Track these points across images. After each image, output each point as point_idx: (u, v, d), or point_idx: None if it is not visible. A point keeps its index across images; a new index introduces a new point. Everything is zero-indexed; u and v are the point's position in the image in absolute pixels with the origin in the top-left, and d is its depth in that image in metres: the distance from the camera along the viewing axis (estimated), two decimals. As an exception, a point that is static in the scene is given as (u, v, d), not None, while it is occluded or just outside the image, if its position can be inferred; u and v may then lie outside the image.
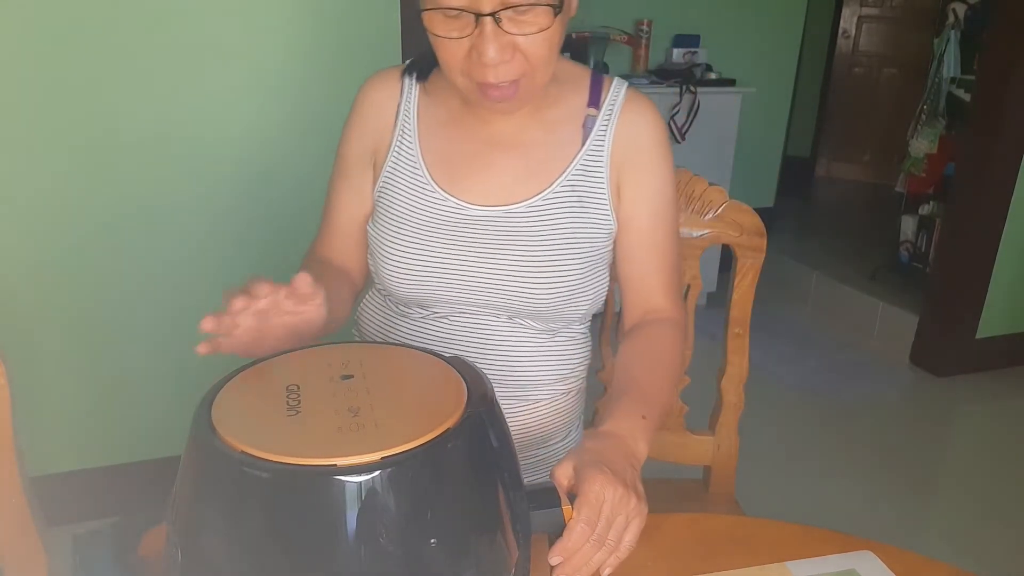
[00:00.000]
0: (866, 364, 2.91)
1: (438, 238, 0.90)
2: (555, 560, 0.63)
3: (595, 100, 0.93)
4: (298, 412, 0.54)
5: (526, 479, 0.62)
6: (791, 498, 2.05)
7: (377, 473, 0.48)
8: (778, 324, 3.19)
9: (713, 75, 3.19)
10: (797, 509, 1.98)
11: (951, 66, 2.98)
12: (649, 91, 3.00)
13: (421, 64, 0.95)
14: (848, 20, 5.05)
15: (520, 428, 0.97)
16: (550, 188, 0.91)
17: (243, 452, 0.49)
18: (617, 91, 0.94)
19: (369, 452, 0.49)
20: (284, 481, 0.48)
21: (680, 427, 1.20)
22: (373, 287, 1.02)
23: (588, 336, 1.02)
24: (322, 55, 1.72)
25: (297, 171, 1.77)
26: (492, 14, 0.75)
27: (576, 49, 2.98)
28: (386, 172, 0.94)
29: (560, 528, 0.63)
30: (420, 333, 0.95)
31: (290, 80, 1.72)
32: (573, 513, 0.63)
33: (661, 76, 3.14)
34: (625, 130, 0.92)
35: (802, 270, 3.49)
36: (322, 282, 0.75)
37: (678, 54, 3.28)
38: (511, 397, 0.95)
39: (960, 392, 2.71)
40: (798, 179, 4.83)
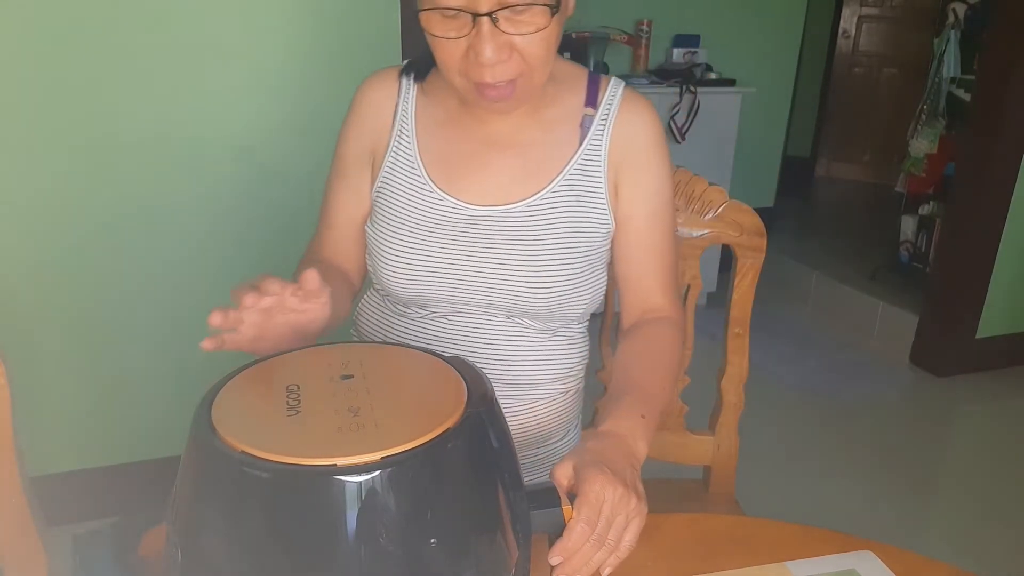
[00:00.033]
0: (866, 364, 2.91)
1: (436, 238, 0.90)
2: (555, 560, 0.63)
3: (592, 100, 0.94)
4: (298, 412, 0.54)
5: (525, 479, 0.62)
6: (791, 498, 2.05)
7: (377, 473, 0.48)
8: (778, 324, 3.19)
9: (713, 75, 3.19)
10: (797, 509, 1.98)
11: (951, 66, 2.98)
12: (649, 91, 3.00)
13: (419, 64, 0.96)
14: (848, 20, 5.06)
15: (519, 428, 0.97)
16: (548, 188, 0.91)
17: (243, 452, 0.49)
18: (614, 91, 0.94)
19: (369, 452, 0.49)
20: (284, 481, 0.48)
21: (680, 427, 1.20)
22: (371, 287, 1.02)
23: (586, 336, 1.02)
24: (322, 55, 1.72)
25: (297, 171, 1.77)
26: (489, 14, 0.75)
27: (576, 49, 2.98)
28: (384, 172, 0.94)
29: (560, 528, 0.63)
30: (418, 333, 0.95)
31: (290, 80, 1.72)
32: (573, 513, 0.63)
33: (661, 76, 3.14)
34: (623, 130, 0.93)
35: (802, 270, 3.49)
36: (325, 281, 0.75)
37: (678, 54, 3.28)
38: (509, 396, 0.95)
39: (960, 392, 2.71)
40: (798, 179, 4.83)
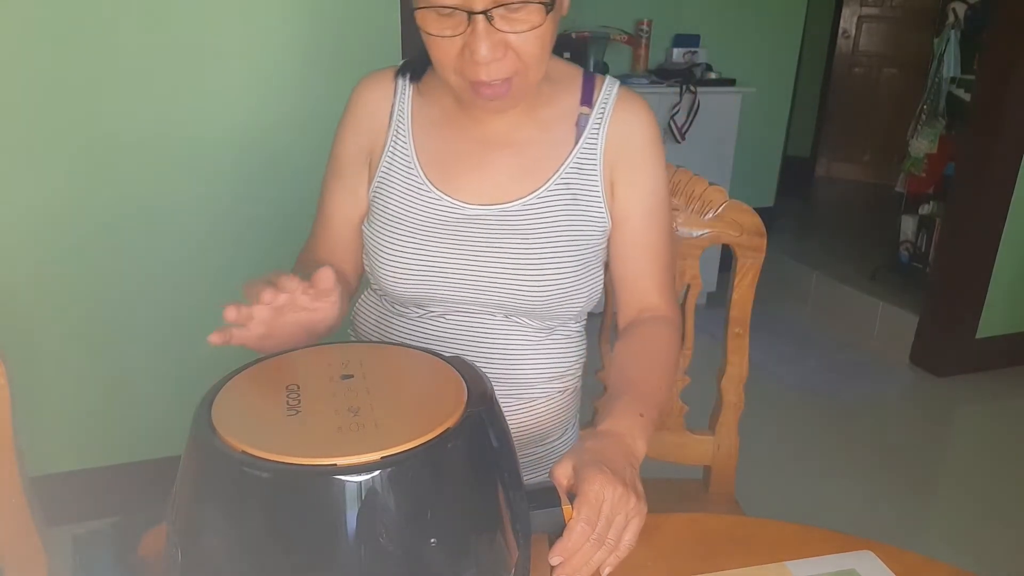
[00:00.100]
0: (866, 364, 2.91)
1: (434, 237, 0.90)
2: (555, 560, 0.63)
3: (587, 99, 0.94)
4: (298, 412, 0.54)
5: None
6: (791, 498, 2.05)
7: (377, 473, 0.48)
8: (778, 324, 3.19)
9: (713, 75, 3.19)
10: (797, 509, 1.98)
11: (951, 66, 2.98)
12: (649, 91, 3.00)
13: (414, 65, 0.96)
14: (848, 20, 5.06)
15: (516, 426, 0.97)
16: (544, 186, 0.91)
17: (243, 452, 0.49)
18: (609, 90, 0.94)
19: (369, 452, 0.49)
20: (284, 481, 0.48)
21: (680, 427, 1.20)
22: (368, 287, 1.02)
23: (584, 335, 1.02)
24: (322, 55, 1.72)
25: (298, 171, 1.77)
26: (484, 12, 0.76)
27: (576, 49, 2.98)
28: (381, 172, 0.94)
29: (560, 528, 0.63)
30: (416, 332, 0.95)
31: (290, 80, 1.72)
32: (573, 513, 0.63)
33: (661, 76, 3.14)
34: (618, 128, 0.93)
35: (802, 270, 3.49)
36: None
37: (678, 54, 3.28)
38: (508, 395, 0.95)
39: (960, 392, 2.71)
40: (798, 179, 4.83)
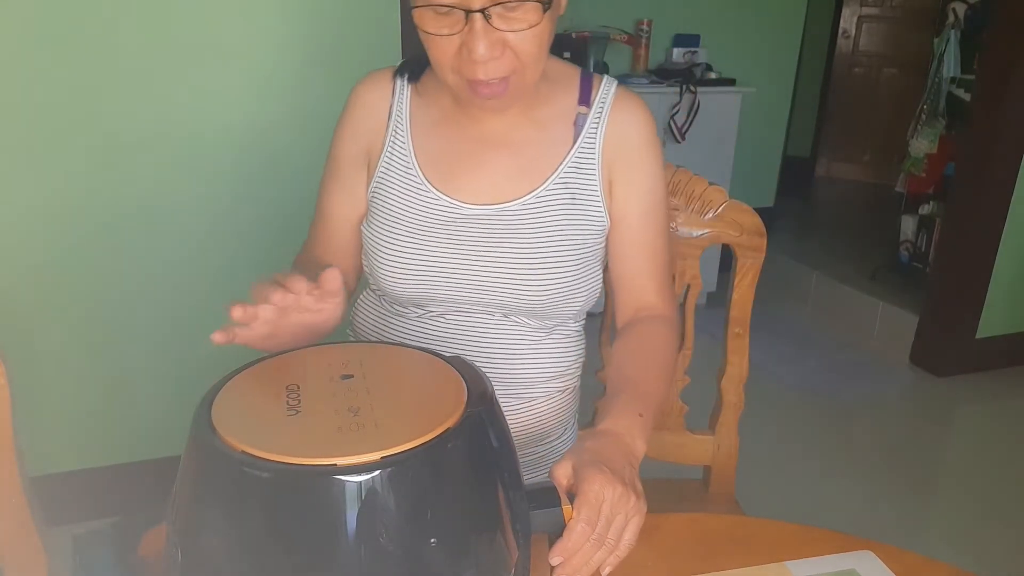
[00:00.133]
0: (866, 364, 2.91)
1: (433, 237, 0.90)
2: (555, 560, 0.63)
3: (585, 98, 0.94)
4: (298, 412, 0.54)
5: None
6: (791, 498, 2.05)
7: (377, 473, 0.48)
8: (778, 324, 3.19)
9: (713, 75, 3.19)
10: (797, 509, 1.98)
11: (951, 66, 2.98)
12: (649, 91, 3.00)
13: (413, 65, 0.96)
14: (848, 20, 5.06)
15: (516, 426, 0.97)
16: (543, 186, 0.91)
17: (243, 452, 0.49)
18: (607, 89, 0.94)
19: (369, 452, 0.49)
20: (284, 481, 0.48)
21: (680, 427, 1.20)
22: (367, 287, 1.02)
23: (582, 334, 1.02)
24: (322, 55, 1.72)
25: (298, 170, 1.77)
26: (482, 10, 0.76)
27: (576, 49, 2.98)
28: (379, 172, 0.94)
29: (560, 528, 0.63)
30: (415, 332, 0.95)
31: (291, 80, 1.72)
32: (573, 513, 0.63)
33: (661, 76, 3.14)
34: (616, 128, 0.93)
35: (802, 270, 3.49)
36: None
37: (678, 54, 3.28)
38: (507, 395, 0.95)
39: (960, 392, 2.71)
40: (798, 179, 4.83)
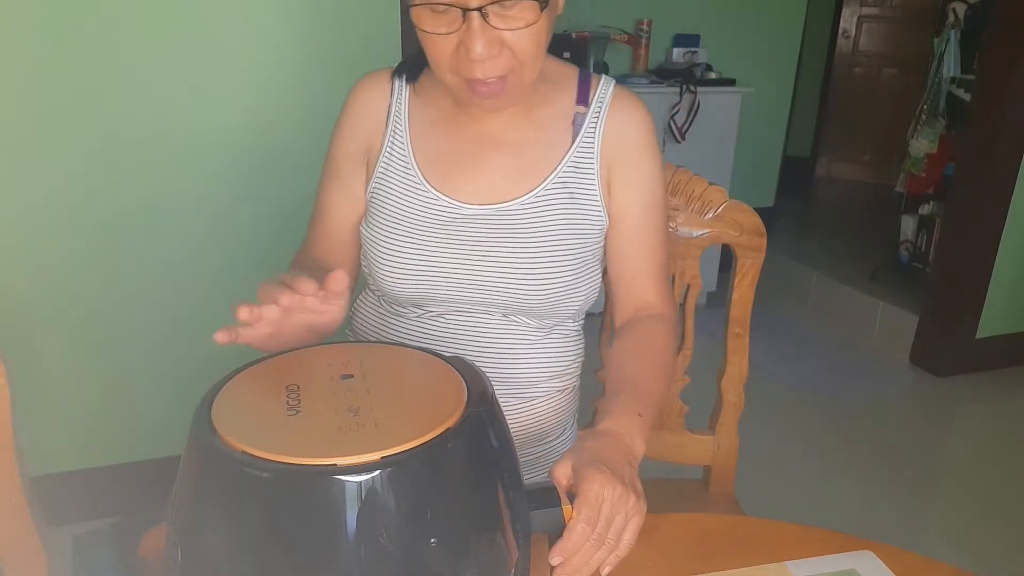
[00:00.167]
0: (866, 364, 2.91)
1: (432, 237, 0.90)
2: (555, 560, 0.63)
3: (584, 98, 0.94)
4: (298, 412, 0.54)
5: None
6: (791, 498, 2.05)
7: (377, 473, 0.48)
8: (778, 324, 3.19)
9: (713, 75, 3.19)
10: (797, 509, 1.98)
11: (951, 66, 2.98)
12: (649, 91, 3.00)
13: (411, 65, 0.96)
14: (848, 20, 5.06)
15: (515, 426, 0.97)
16: (541, 186, 0.91)
17: (243, 452, 0.49)
18: (605, 89, 0.95)
19: (369, 452, 0.49)
20: (284, 481, 0.48)
21: (680, 427, 1.20)
22: (366, 287, 1.02)
23: (582, 334, 1.02)
24: (322, 55, 1.72)
25: (297, 170, 1.77)
26: (479, 9, 0.76)
27: (576, 49, 2.98)
28: (378, 173, 0.94)
29: (560, 528, 0.63)
30: (415, 332, 0.95)
31: (290, 80, 1.72)
32: (573, 513, 0.63)
33: (661, 76, 3.14)
34: (614, 128, 0.93)
35: (802, 270, 3.49)
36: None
37: (678, 54, 3.28)
38: (506, 395, 0.95)
39: (960, 392, 2.71)
40: (798, 179, 4.83)
